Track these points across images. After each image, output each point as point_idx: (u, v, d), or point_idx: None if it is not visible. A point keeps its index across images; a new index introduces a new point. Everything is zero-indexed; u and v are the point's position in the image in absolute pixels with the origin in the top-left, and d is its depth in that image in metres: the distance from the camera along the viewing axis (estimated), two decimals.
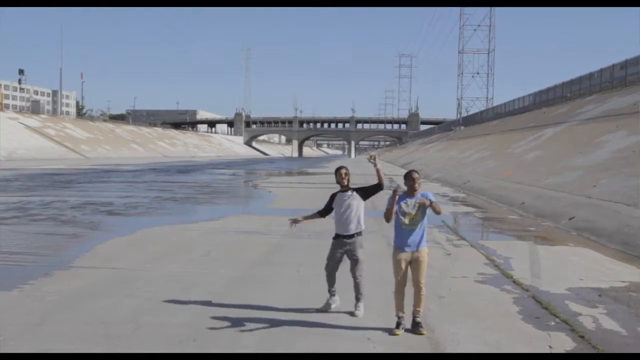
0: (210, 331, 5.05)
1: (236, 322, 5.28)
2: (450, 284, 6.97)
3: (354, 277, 5.61)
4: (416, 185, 5.11)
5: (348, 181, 5.65)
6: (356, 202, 5.59)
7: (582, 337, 5.01)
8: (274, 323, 5.26)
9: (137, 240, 10.23)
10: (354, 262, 5.59)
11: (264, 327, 5.14)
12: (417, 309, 5.12)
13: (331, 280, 5.73)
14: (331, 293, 5.73)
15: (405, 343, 4.83)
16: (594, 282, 7.25)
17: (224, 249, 9.26)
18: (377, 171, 5.47)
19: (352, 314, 5.55)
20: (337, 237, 5.66)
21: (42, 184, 24.26)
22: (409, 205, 5.08)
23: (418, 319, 5.10)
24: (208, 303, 5.95)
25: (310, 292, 6.40)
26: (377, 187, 5.59)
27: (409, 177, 5.17)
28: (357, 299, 5.62)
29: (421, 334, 4.99)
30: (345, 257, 5.64)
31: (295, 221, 5.85)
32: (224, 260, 8.32)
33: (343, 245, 5.62)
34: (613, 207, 12.05)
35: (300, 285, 6.83)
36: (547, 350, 4.70)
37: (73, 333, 4.96)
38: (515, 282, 7.11)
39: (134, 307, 5.77)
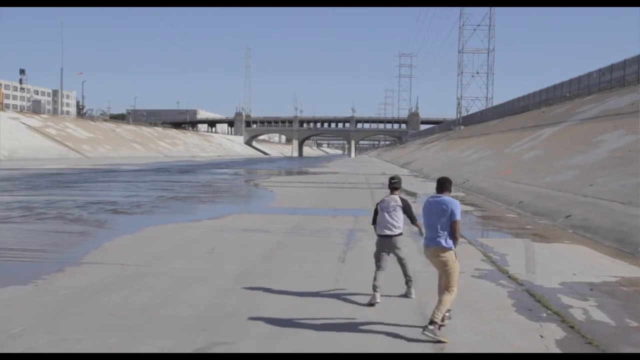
0: (220, 322, 5.30)
1: (244, 314, 5.54)
2: None
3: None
4: None
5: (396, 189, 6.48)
6: (396, 212, 6.29)
7: (572, 327, 5.27)
8: (280, 315, 5.53)
9: (143, 237, 10.50)
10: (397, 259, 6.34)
11: (271, 319, 5.40)
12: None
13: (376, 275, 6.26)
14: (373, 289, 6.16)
15: (406, 335, 5.08)
16: (586, 277, 7.51)
17: (227, 246, 9.52)
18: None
19: (404, 295, 6.29)
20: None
21: (45, 184, 24.52)
22: None
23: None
24: (215, 296, 6.21)
25: (313, 285, 6.71)
26: (411, 219, 6.42)
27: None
28: (407, 285, 6.32)
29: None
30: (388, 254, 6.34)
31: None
32: (228, 256, 8.58)
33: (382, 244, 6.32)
34: (608, 206, 12.30)
35: (303, 279, 7.10)
36: (538, 339, 4.96)
37: (88, 324, 5.22)
38: (511, 277, 7.37)
39: (144, 300, 6.03)
